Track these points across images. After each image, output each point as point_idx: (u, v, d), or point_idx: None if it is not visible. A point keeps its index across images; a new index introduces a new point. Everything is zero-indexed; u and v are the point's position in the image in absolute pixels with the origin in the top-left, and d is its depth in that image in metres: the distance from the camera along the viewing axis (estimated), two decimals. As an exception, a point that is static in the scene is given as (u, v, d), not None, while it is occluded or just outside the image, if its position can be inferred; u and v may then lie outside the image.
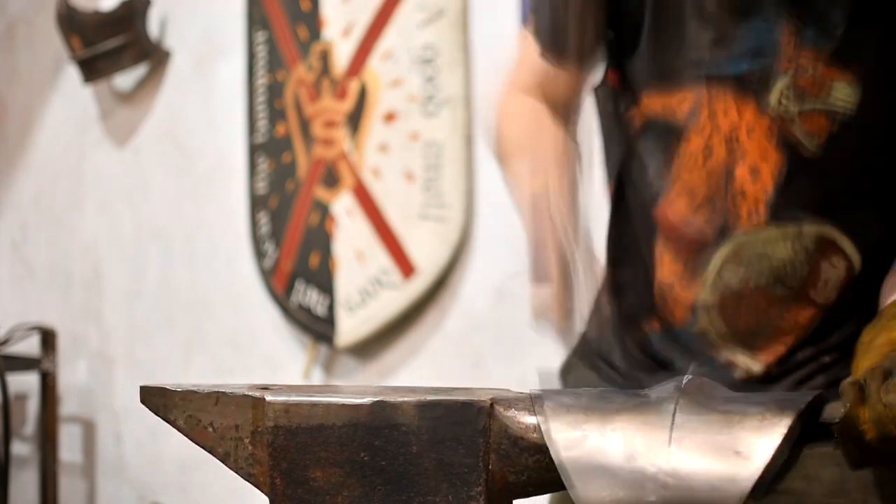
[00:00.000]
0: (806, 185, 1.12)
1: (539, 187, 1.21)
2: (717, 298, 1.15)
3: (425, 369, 2.77)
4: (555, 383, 1.33)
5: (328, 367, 2.99)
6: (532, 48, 1.30)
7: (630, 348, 1.24)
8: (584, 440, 0.78)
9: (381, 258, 2.80)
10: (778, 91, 1.11)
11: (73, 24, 3.45)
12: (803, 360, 1.14)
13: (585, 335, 1.33)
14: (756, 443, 0.75)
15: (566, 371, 1.34)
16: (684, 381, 0.83)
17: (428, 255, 2.72)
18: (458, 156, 2.69)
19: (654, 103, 1.19)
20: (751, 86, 1.12)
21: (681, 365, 1.18)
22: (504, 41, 2.62)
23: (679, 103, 1.17)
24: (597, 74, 1.30)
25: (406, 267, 2.76)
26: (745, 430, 0.76)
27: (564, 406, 0.81)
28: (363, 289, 2.84)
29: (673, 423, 0.77)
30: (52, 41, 3.71)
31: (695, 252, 1.16)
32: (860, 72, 1.10)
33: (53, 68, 3.84)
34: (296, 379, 3.01)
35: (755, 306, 1.14)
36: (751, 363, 1.15)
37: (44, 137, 3.91)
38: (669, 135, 1.18)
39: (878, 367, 0.85)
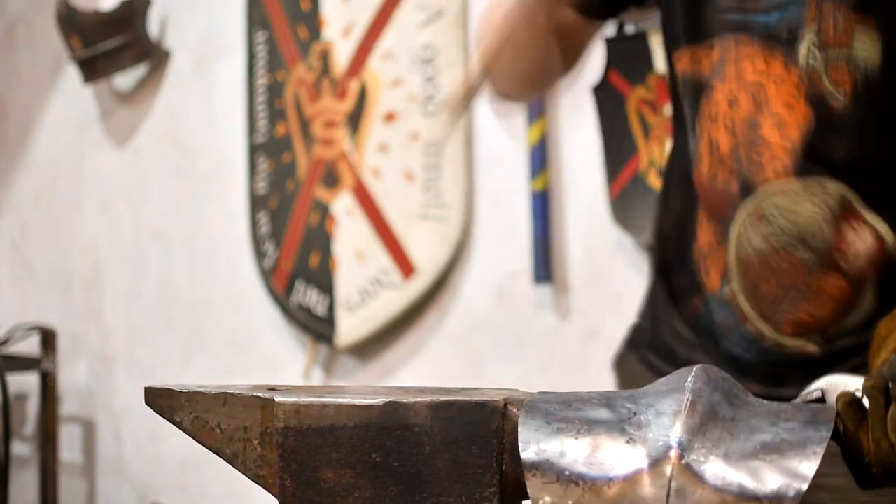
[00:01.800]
0: (832, 141, 1.10)
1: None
2: (741, 258, 1.14)
3: (425, 369, 2.76)
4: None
5: (328, 367, 2.99)
6: None
7: (678, 325, 1.23)
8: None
9: (381, 258, 2.80)
10: (806, 44, 1.11)
11: (73, 24, 3.45)
12: (844, 342, 1.12)
13: (638, 326, 1.33)
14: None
15: (619, 364, 1.34)
16: (686, 405, 0.77)
17: (428, 255, 2.72)
18: (458, 156, 2.69)
19: (684, 59, 1.19)
20: (779, 39, 1.12)
21: (719, 341, 1.16)
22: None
23: (707, 56, 1.17)
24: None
25: (406, 267, 2.76)
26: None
27: (546, 432, 0.79)
28: (363, 289, 2.84)
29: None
30: (52, 41, 3.71)
31: (723, 211, 1.15)
32: (882, 21, 1.09)
33: (53, 68, 3.83)
34: (296, 379, 3.01)
35: (776, 268, 1.12)
36: (779, 337, 1.13)
37: (44, 137, 3.90)
38: (698, 89, 1.18)
39: (876, 382, 0.81)
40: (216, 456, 0.88)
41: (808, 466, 0.73)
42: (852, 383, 0.86)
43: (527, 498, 0.81)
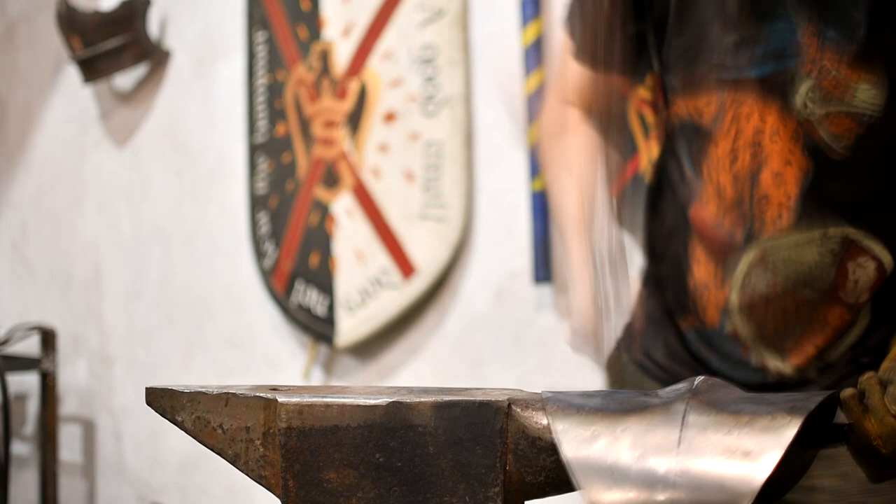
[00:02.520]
0: (831, 187, 1.11)
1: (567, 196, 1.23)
2: (746, 301, 1.14)
3: (425, 369, 2.77)
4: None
5: (328, 367, 2.99)
6: (570, 55, 1.32)
7: (671, 343, 1.24)
8: (594, 440, 0.78)
9: (380, 258, 2.80)
10: (802, 93, 1.10)
11: (73, 24, 3.45)
12: (839, 362, 1.13)
13: (630, 326, 1.34)
14: (765, 444, 0.74)
15: (611, 365, 1.34)
16: (696, 382, 0.82)
17: (428, 255, 2.72)
18: (458, 156, 2.69)
19: (683, 106, 1.20)
20: (774, 88, 1.12)
21: (717, 365, 1.18)
22: (504, 41, 2.63)
23: (705, 106, 1.17)
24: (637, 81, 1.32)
25: (406, 267, 2.76)
26: (754, 431, 0.75)
27: (574, 406, 0.81)
28: (363, 289, 2.84)
29: (683, 424, 0.77)
30: (52, 41, 3.71)
31: (726, 254, 1.16)
32: (884, 72, 1.09)
33: (53, 68, 3.83)
34: (295, 379, 3.01)
35: (783, 309, 1.13)
36: (781, 365, 1.14)
37: (44, 137, 3.91)
38: (699, 137, 1.18)
39: (873, 375, 0.84)
40: (217, 456, 0.88)
41: (815, 399, 0.80)
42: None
43: (530, 498, 0.82)
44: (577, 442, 0.78)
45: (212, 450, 0.87)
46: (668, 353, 1.24)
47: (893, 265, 1.11)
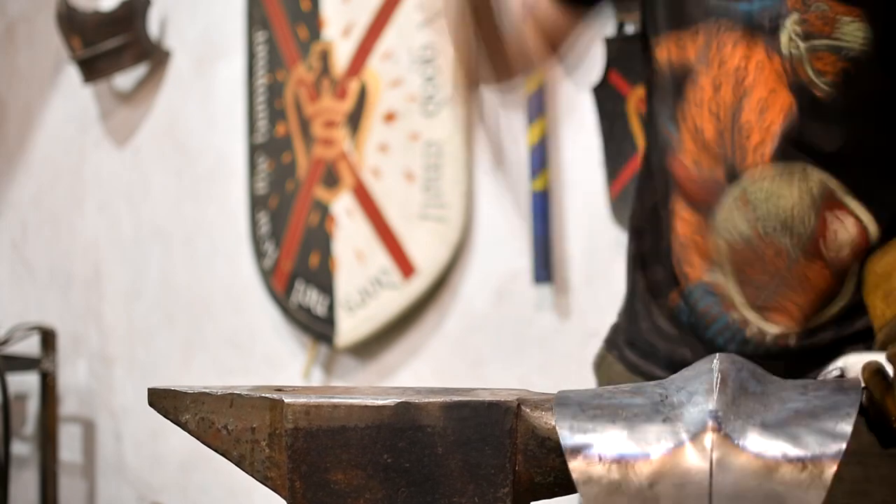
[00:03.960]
0: (816, 130, 1.10)
1: None
2: (727, 245, 1.14)
3: (425, 369, 2.76)
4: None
5: (328, 367, 2.99)
6: None
7: (657, 320, 1.23)
8: (599, 453, 0.76)
9: (380, 258, 2.80)
10: (788, 31, 1.10)
11: (73, 24, 3.45)
12: (823, 333, 1.12)
13: (616, 325, 1.33)
14: (799, 502, 0.72)
15: (598, 365, 1.34)
16: (716, 382, 0.79)
17: (428, 255, 2.72)
18: (458, 156, 2.69)
19: (667, 48, 1.19)
20: (761, 26, 1.12)
21: (703, 328, 1.16)
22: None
23: (690, 41, 1.16)
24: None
25: (406, 267, 2.76)
26: (785, 486, 0.72)
27: (586, 409, 0.80)
28: (363, 289, 2.84)
29: (711, 479, 0.75)
30: (52, 41, 3.71)
31: (708, 198, 1.15)
32: (869, 8, 1.08)
33: (53, 68, 3.83)
34: (295, 379, 3.01)
35: (762, 256, 1.12)
36: (764, 325, 1.13)
37: (44, 137, 3.91)
38: (680, 77, 1.18)
39: None
40: (217, 456, 0.88)
41: (843, 426, 0.75)
42: (868, 358, 0.87)
43: (539, 498, 0.81)
44: (584, 456, 0.76)
45: (216, 451, 0.87)
46: (657, 334, 1.23)
47: (878, 231, 1.10)
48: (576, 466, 0.75)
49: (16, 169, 4.00)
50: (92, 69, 3.46)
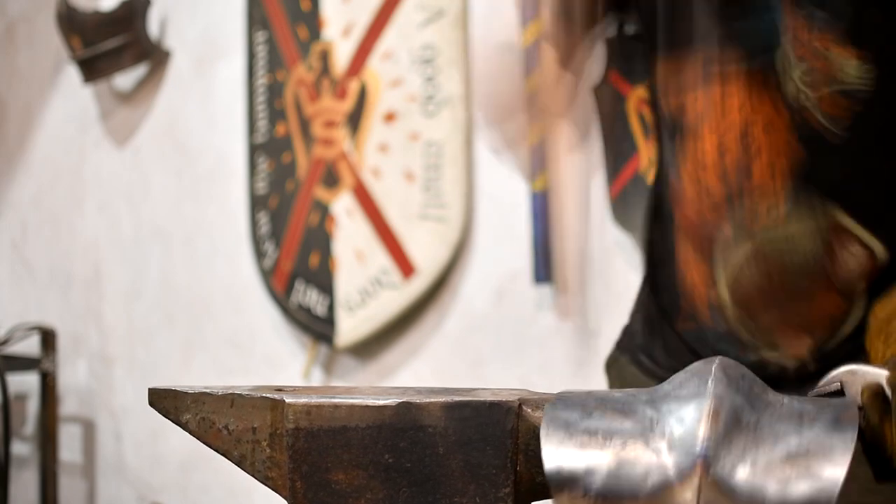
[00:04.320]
0: (826, 172, 1.10)
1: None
2: (739, 297, 1.14)
3: (425, 369, 2.77)
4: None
5: (328, 367, 2.99)
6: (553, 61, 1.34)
7: (671, 342, 1.23)
8: (580, 458, 0.76)
9: (380, 258, 2.80)
10: (794, 80, 1.10)
11: (73, 24, 3.45)
12: (835, 354, 1.12)
13: (629, 328, 1.33)
14: None
15: (609, 366, 1.34)
16: (709, 413, 0.77)
17: (428, 255, 2.72)
18: (458, 156, 2.69)
19: (673, 101, 1.19)
20: (766, 78, 1.11)
21: None
22: (504, 41, 2.63)
23: (695, 102, 1.16)
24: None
25: (406, 267, 2.76)
26: None
27: (575, 412, 0.79)
28: (363, 289, 2.84)
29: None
30: (52, 41, 3.71)
31: (713, 252, 1.16)
32: (872, 51, 1.08)
33: (53, 68, 3.84)
34: (295, 379, 3.01)
35: (779, 300, 1.13)
36: (783, 360, 1.14)
37: (44, 137, 3.91)
38: (689, 133, 1.17)
39: None
40: (217, 456, 0.88)
41: (836, 472, 0.73)
42: (871, 373, 0.86)
43: (540, 498, 0.81)
44: (567, 491, 0.76)
45: (217, 451, 0.87)
46: (668, 352, 1.24)
47: (886, 255, 1.11)
48: (560, 501, 0.75)
49: (16, 169, 4.00)
50: (92, 69, 3.47)
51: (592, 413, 0.80)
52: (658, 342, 1.25)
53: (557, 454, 0.77)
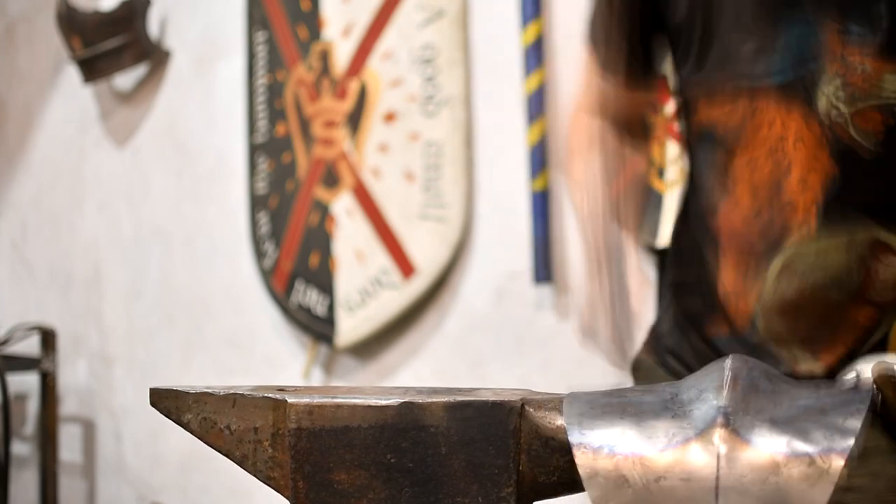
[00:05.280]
0: (859, 188, 1.10)
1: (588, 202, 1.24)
2: (774, 308, 1.14)
3: (425, 369, 2.77)
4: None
5: (328, 367, 2.99)
6: (593, 69, 1.33)
7: (699, 347, 1.23)
8: (610, 454, 0.77)
9: (380, 258, 2.80)
10: (829, 94, 1.10)
11: (73, 24, 3.45)
12: (865, 358, 1.12)
13: (656, 329, 1.33)
14: (805, 497, 0.72)
15: (636, 368, 1.34)
16: (727, 380, 0.79)
17: (428, 255, 2.72)
18: (458, 156, 2.69)
19: (704, 115, 1.19)
20: (797, 94, 1.11)
21: None
22: (504, 41, 2.63)
23: (726, 116, 1.16)
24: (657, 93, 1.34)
25: (406, 267, 2.76)
26: (792, 481, 0.72)
27: (596, 408, 0.80)
28: (363, 289, 2.84)
29: (718, 473, 0.75)
30: (52, 41, 3.71)
31: (751, 262, 1.15)
32: None
33: (53, 68, 3.83)
34: (296, 379, 3.01)
35: (812, 312, 1.13)
36: (813, 366, 1.14)
37: (44, 137, 3.91)
38: (720, 147, 1.17)
39: None
40: (218, 456, 0.88)
41: (853, 422, 0.75)
42: (882, 360, 0.86)
43: (542, 498, 0.81)
44: (591, 450, 0.77)
45: (218, 451, 0.87)
46: (696, 357, 1.24)
47: None
48: (582, 461, 0.76)
49: (16, 169, 4.00)
50: (92, 69, 3.47)
51: (613, 393, 0.82)
52: (686, 346, 1.26)
53: (580, 421, 0.78)
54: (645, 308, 1.30)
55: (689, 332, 1.25)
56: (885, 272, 1.10)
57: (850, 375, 0.92)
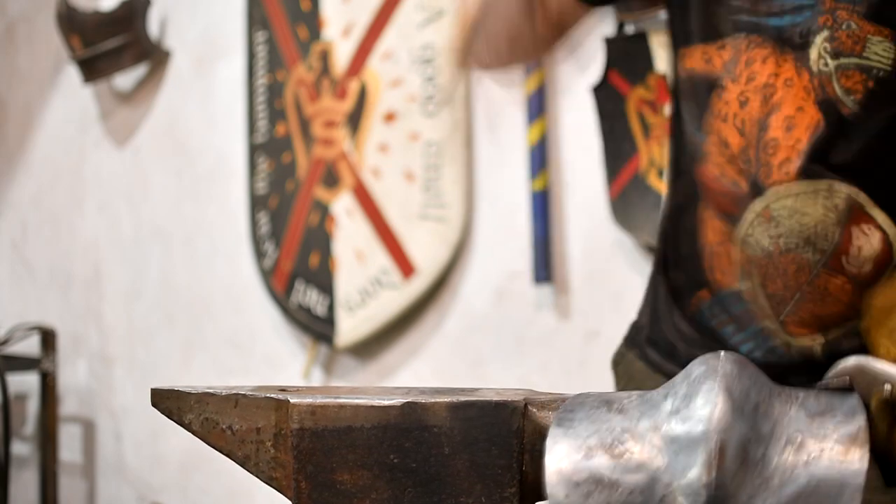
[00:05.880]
0: (841, 145, 1.10)
1: None
2: (748, 258, 1.14)
3: (425, 369, 2.76)
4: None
5: (328, 367, 2.99)
6: None
7: (679, 323, 1.23)
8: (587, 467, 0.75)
9: (380, 258, 2.80)
10: (818, 48, 1.10)
11: (73, 24, 3.45)
12: (850, 342, 1.11)
13: (636, 323, 1.33)
14: None
15: (617, 363, 1.34)
16: (714, 452, 0.74)
17: (428, 255, 2.72)
18: (458, 156, 2.69)
19: (695, 56, 1.19)
20: (790, 42, 1.12)
21: (731, 338, 1.16)
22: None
23: (719, 50, 1.17)
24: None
25: (406, 267, 2.76)
26: None
27: (585, 414, 0.79)
28: (363, 289, 2.84)
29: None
30: (52, 41, 3.71)
31: (732, 209, 1.15)
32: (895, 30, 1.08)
33: (53, 68, 3.83)
34: (296, 379, 3.01)
35: (784, 271, 1.12)
36: (788, 337, 1.14)
37: (44, 137, 3.90)
38: (707, 86, 1.18)
39: None
40: (218, 456, 0.88)
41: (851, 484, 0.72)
42: (881, 374, 0.84)
43: (545, 498, 0.81)
44: (565, 456, 0.75)
45: (220, 452, 0.86)
46: (678, 336, 1.23)
47: None
48: (549, 470, 0.75)
49: (16, 169, 4.00)
50: (92, 69, 3.46)
51: (612, 402, 0.80)
52: (665, 327, 1.25)
53: (575, 400, 0.77)
54: None
55: (670, 312, 1.25)
56: (860, 238, 1.10)
57: (840, 378, 0.89)
